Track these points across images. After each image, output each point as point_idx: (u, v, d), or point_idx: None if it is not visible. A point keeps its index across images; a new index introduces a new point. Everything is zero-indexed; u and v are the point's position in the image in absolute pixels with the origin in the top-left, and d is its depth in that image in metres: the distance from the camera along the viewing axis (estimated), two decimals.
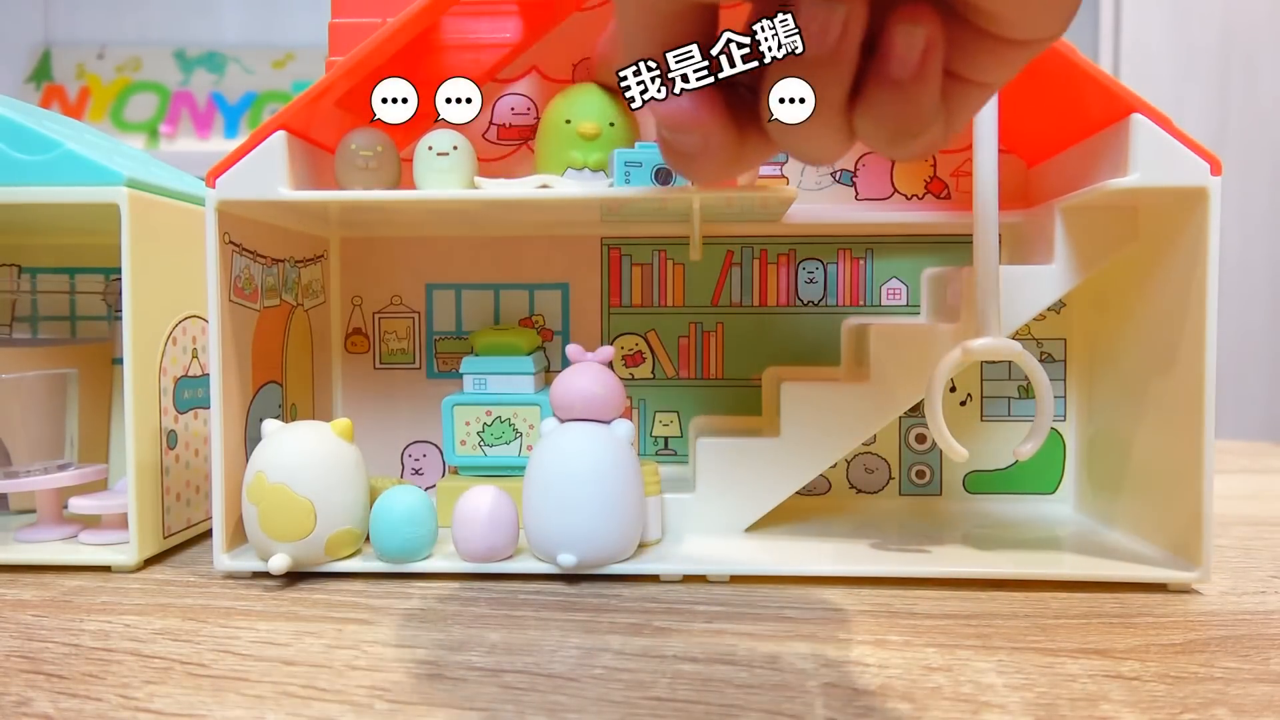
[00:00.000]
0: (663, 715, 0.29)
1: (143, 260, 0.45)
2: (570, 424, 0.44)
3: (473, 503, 0.44)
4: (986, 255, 0.43)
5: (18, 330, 0.60)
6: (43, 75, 2.02)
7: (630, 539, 0.44)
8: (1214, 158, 0.41)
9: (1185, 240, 0.43)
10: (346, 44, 0.48)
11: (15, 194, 0.44)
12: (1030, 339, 0.56)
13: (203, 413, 0.51)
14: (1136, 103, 0.41)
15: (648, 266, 0.58)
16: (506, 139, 0.57)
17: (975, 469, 0.57)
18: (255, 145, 0.44)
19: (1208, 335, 0.41)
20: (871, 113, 0.21)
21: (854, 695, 0.31)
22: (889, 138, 0.21)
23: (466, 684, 0.32)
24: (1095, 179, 0.44)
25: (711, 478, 0.50)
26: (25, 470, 0.49)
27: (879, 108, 0.21)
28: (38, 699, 0.30)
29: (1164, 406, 0.45)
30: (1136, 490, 0.48)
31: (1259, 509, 0.61)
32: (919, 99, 0.20)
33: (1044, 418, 0.44)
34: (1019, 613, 0.39)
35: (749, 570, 0.43)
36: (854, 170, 0.57)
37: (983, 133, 0.43)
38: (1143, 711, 0.29)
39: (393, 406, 0.59)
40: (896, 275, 0.57)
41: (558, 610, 0.39)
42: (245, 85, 2.02)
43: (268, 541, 0.43)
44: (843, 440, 0.49)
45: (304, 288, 0.55)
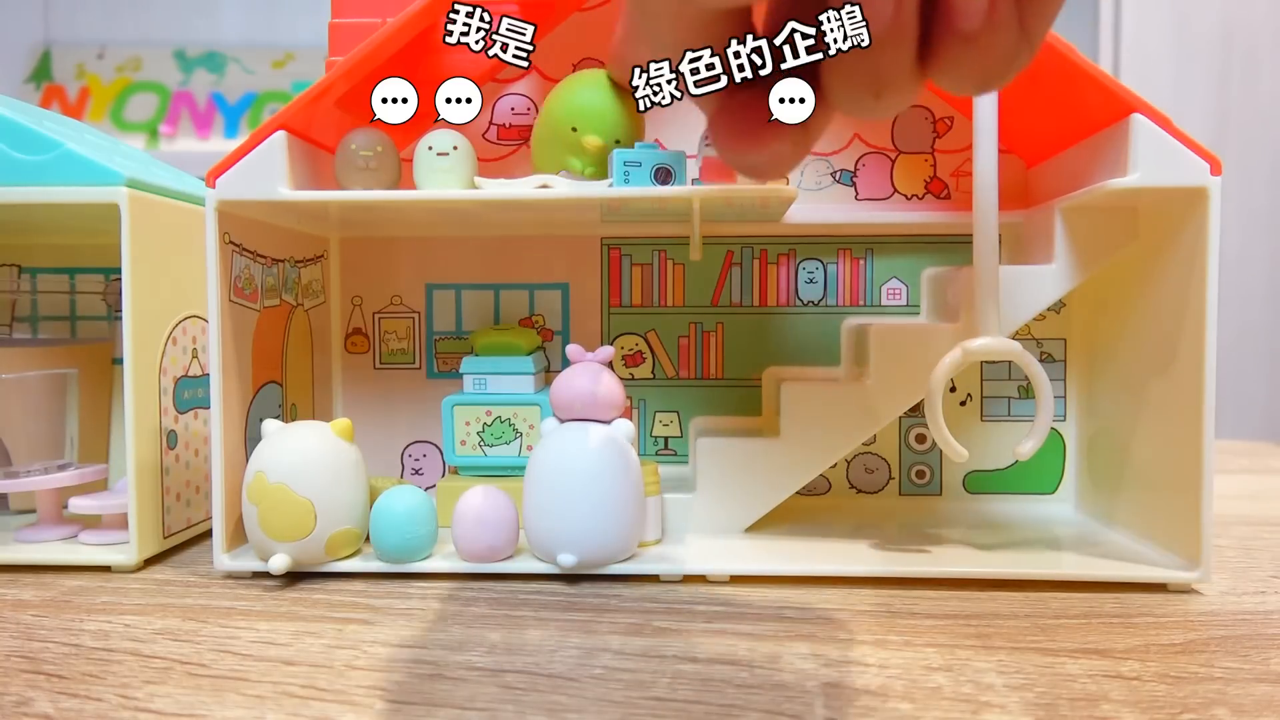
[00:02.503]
0: (663, 715, 0.29)
1: (143, 260, 0.45)
2: (570, 424, 0.44)
3: (472, 503, 0.44)
4: (986, 255, 0.43)
5: (18, 330, 0.60)
6: (43, 75, 2.02)
7: (630, 539, 0.44)
8: (1214, 158, 0.41)
9: (1185, 240, 0.42)
10: (346, 44, 0.48)
11: (15, 194, 0.44)
12: (1030, 339, 0.56)
13: (203, 413, 0.51)
14: (1136, 103, 0.41)
15: (648, 266, 0.58)
16: (507, 139, 0.57)
17: (975, 469, 0.58)
18: (255, 145, 0.44)
19: (1208, 335, 0.41)
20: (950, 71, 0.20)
21: (854, 695, 0.31)
22: (976, 85, 0.20)
23: (466, 684, 0.32)
24: (1095, 179, 0.44)
25: (711, 478, 0.50)
26: (25, 470, 0.49)
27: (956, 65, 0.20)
28: (38, 699, 0.30)
29: (1164, 406, 0.45)
30: (1136, 490, 0.48)
31: (1259, 509, 0.61)
32: (994, 45, 0.19)
33: (1044, 417, 0.44)
34: (1019, 613, 0.39)
35: (749, 570, 0.43)
36: (854, 170, 0.57)
37: (982, 133, 0.43)
38: (1143, 711, 0.29)
39: (392, 407, 0.59)
40: (896, 275, 0.57)
41: (558, 610, 0.39)
42: (245, 85, 2.02)
43: (268, 541, 0.43)
44: (843, 440, 0.49)
45: (304, 288, 0.55)
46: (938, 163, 0.56)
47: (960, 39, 0.19)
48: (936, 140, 0.56)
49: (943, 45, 0.20)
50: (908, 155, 0.56)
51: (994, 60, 0.19)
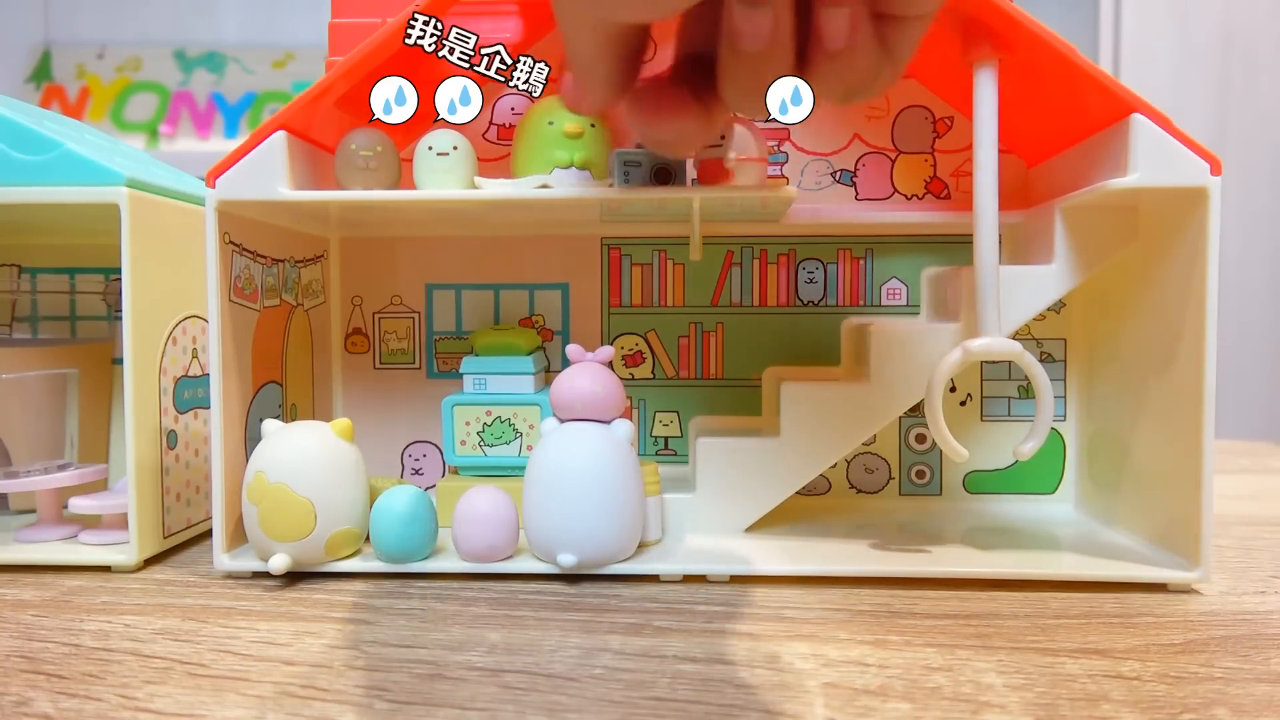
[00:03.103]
0: (663, 715, 0.29)
1: (143, 260, 0.45)
2: (570, 424, 0.44)
3: (472, 502, 0.44)
4: (986, 255, 0.43)
5: (18, 330, 0.60)
6: (43, 75, 2.02)
7: (630, 539, 0.44)
8: (1214, 157, 0.41)
9: (1185, 240, 0.42)
10: (346, 44, 0.48)
11: (15, 194, 0.44)
12: (1031, 339, 0.56)
13: (203, 413, 0.51)
14: (1136, 103, 0.41)
15: (648, 266, 0.58)
16: (507, 139, 0.57)
17: (975, 469, 0.58)
18: (255, 145, 0.44)
19: (1207, 335, 0.41)
20: (822, 82, 0.24)
21: (854, 695, 0.31)
22: (842, 97, 0.24)
23: (466, 684, 0.32)
24: (1095, 179, 0.44)
25: (711, 478, 0.50)
26: (25, 470, 0.49)
27: (826, 78, 0.24)
28: (38, 699, 0.30)
29: (1163, 406, 0.45)
30: (1136, 490, 0.48)
31: (1259, 509, 0.61)
32: (857, 62, 0.23)
33: (1044, 417, 0.44)
34: (1019, 613, 0.39)
35: (749, 570, 0.43)
36: (854, 170, 0.57)
37: (983, 133, 0.43)
38: (1143, 711, 0.29)
39: (393, 406, 0.59)
40: (896, 275, 0.57)
41: (558, 610, 0.39)
42: (245, 85, 2.02)
43: (268, 541, 0.43)
44: (842, 440, 0.49)
45: (304, 288, 0.55)
46: (938, 163, 0.56)
47: (826, 56, 0.23)
48: (936, 140, 0.56)
49: (814, 60, 0.23)
50: (908, 155, 0.56)
51: (856, 76, 0.23)
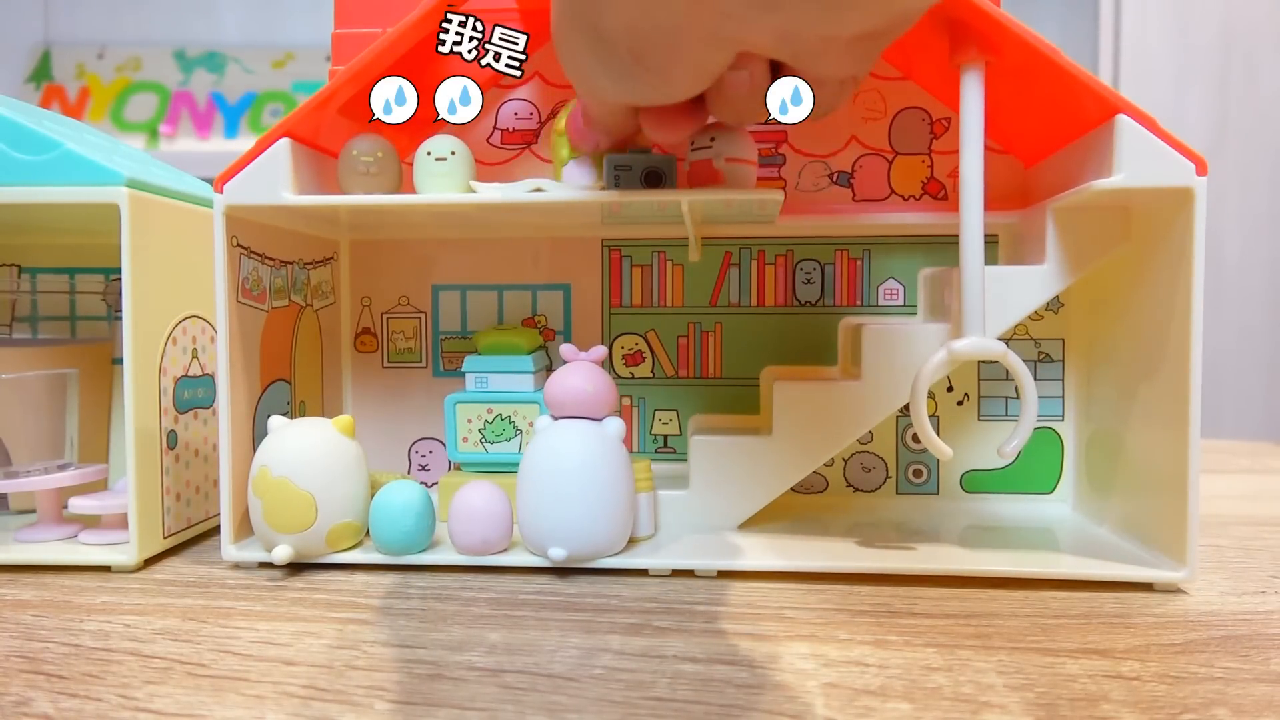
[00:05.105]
0: (663, 715, 0.29)
1: (143, 260, 0.45)
2: (563, 421, 0.44)
3: (467, 497, 0.44)
4: (971, 256, 0.43)
5: (18, 330, 0.60)
6: (43, 75, 2.02)
7: (620, 534, 0.44)
8: (1199, 158, 0.41)
9: (1173, 241, 0.42)
10: (349, 53, 0.49)
11: (15, 194, 0.44)
12: (1028, 339, 0.56)
13: (203, 413, 0.52)
14: (1121, 103, 0.41)
15: (647, 268, 0.58)
16: (509, 143, 0.57)
17: (972, 468, 0.58)
18: (261, 151, 0.45)
19: (1194, 335, 0.41)
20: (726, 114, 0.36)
21: (854, 695, 0.31)
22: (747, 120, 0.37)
23: (466, 684, 0.32)
24: (1084, 179, 0.44)
25: (705, 474, 0.50)
26: (25, 470, 0.49)
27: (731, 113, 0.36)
28: (38, 699, 0.31)
29: (1153, 406, 0.45)
30: (1129, 489, 0.48)
31: (1259, 509, 0.61)
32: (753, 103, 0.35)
33: (1028, 417, 0.44)
34: (1019, 613, 0.39)
35: (734, 565, 0.44)
36: (851, 172, 0.57)
37: (969, 135, 0.43)
38: (1143, 711, 0.29)
39: (400, 404, 0.60)
40: (893, 275, 0.57)
41: (557, 610, 0.39)
42: (245, 85, 2.02)
43: (271, 533, 0.44)
44: (834, 438, 0.49)
45: (313, 289, 0.56)
46: (934, 164, 0.56)
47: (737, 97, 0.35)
48: (933, 142, 0.56)
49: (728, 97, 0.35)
50: (905, 156, 0.56)
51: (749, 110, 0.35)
